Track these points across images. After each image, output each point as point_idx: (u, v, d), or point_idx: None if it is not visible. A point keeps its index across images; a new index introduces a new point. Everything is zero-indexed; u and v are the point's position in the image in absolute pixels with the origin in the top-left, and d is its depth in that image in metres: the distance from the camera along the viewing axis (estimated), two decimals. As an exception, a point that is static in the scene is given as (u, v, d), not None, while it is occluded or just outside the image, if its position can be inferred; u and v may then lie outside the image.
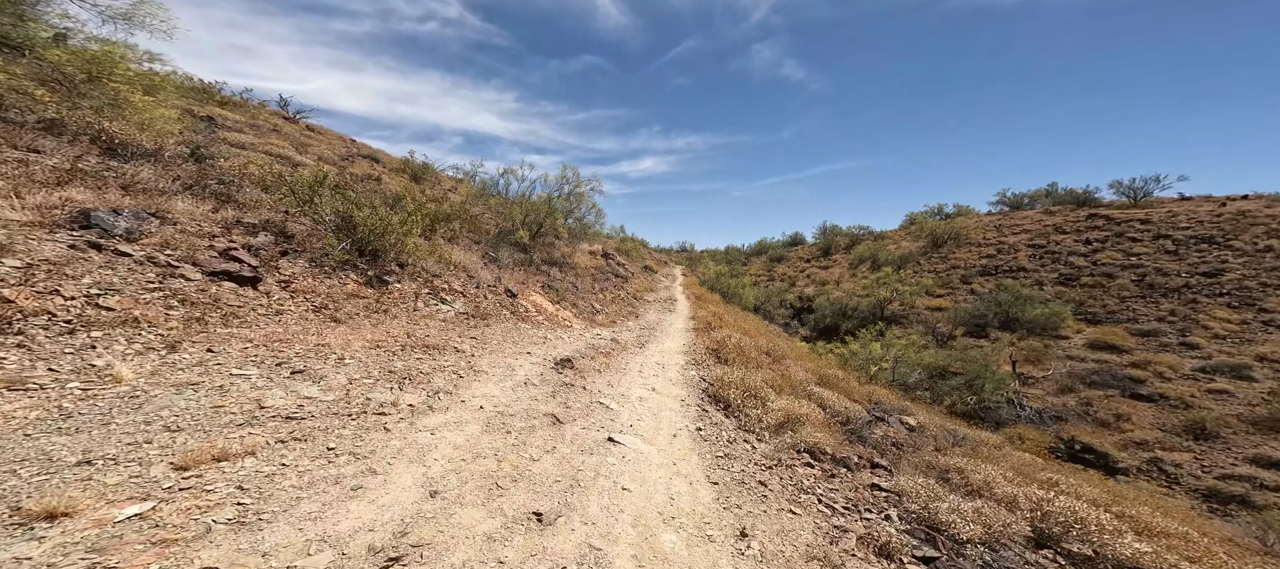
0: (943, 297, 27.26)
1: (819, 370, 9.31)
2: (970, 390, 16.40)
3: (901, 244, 39.28)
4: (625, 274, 19.57)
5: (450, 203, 13.40)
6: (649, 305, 16.59)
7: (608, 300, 13.53)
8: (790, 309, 33.27)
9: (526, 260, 12.35)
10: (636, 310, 14.66)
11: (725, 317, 13.06)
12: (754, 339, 10.25)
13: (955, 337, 22.27)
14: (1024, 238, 31.11)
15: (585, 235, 19.35)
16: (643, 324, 12.04)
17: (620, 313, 13.08)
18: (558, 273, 13.18)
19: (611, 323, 11.28)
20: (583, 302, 11.70)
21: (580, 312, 10.91)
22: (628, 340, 8.74)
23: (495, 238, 12.71)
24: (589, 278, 14.91)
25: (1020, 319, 21.32)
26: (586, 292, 12.99)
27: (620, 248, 29.22)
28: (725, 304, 22.89)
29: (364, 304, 6.72)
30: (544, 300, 9.95)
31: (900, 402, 9.64)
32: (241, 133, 11.26)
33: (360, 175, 12.11)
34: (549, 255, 14.46)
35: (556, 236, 16.36)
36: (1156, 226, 26.63)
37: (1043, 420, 15.68)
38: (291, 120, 17.54)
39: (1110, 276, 23.33)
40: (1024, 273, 26.71)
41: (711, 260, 44.11)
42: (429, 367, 5.21)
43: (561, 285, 11.85)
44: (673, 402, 5.85)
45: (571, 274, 13.89)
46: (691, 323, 12.79)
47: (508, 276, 10.15)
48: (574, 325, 9.49)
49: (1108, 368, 16.96)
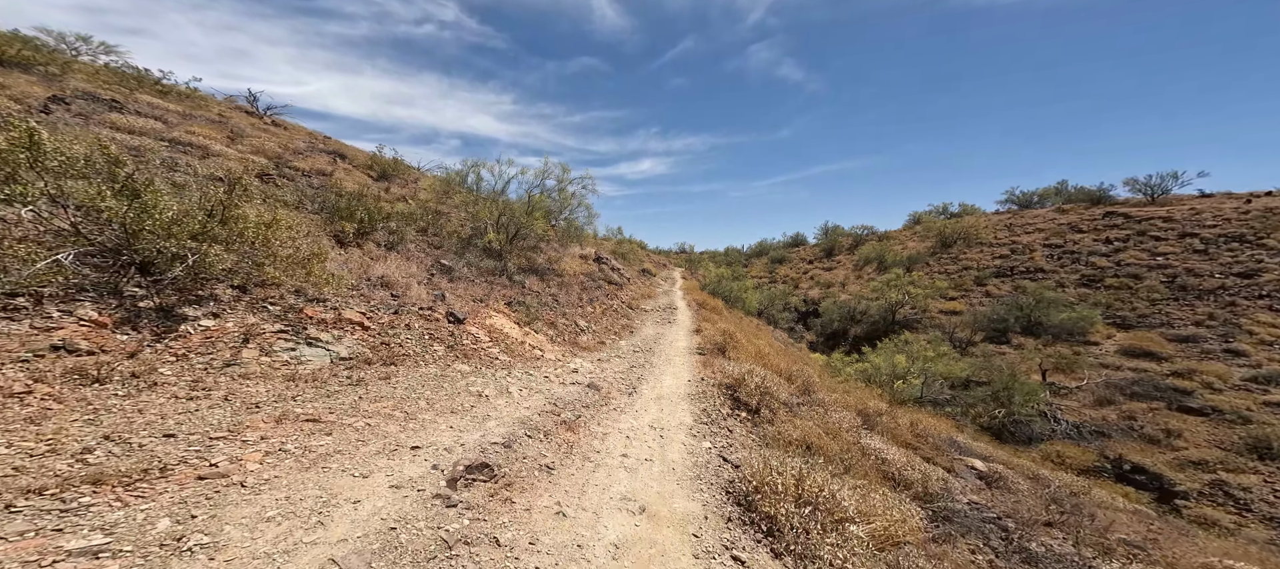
0: (957, 299, 25.87)
1: (859, 404, 7.81)
2: (998, 402, 14.97)
3: (908, 244, 37.96)
4: (619, 280, 17.96)
5: (408, 203, 11.80)
6: (646, 316, 15.02)
7: (597, 314, 11.92)
8: (795, 313, 31.84)
9: (498, 269, 10.68)
10: (631, 322, 13.01)
11: (736, 333, 11.31)
12: (775, 365, 8.69)
13: (974, 342, 20.87)
14: (1038, 237, 29.80)
15: (577, 238, 17.79)
16: (637, 344, 10.29)
17: (611, 329, 11.43)
18: (537, 283, 11.46)
19: (598, 345, 9.46)
20: (564, 319, 10.10)
21: (559, 334, 9.18)
22: (612, 380, 6.50)
23: (463, 243, 11.14)
24: (577, 287, 13.05)
25: (1044, 324, 19.94)
26: (571, 305, 11.32)
27: (616, 251, 27.72)
28: (728, 309, 21.42)
29: (81, 365, 3.70)
30: (508, 323, 8.13)
31: (950, 430, 8.17)
32: (152, 119, 9.76)
33: (307, 170, 10.58)
34: (529, 262, 12.89)
35: (543, 240, 14.80)
36: (1181, 224, 25.33)
37: (1082, 435, 14.26)
38: (254, 115, 15.99)
39: (1137, 277, 21.99)
40: (1042, 274, 25.37)
41: (711, 262, 42.67)
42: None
43: (538, 300, 10.30)
44: (681, 540, 3.22)
45: (555, 284, 12.16)
46: (696, 341, 11.13)
47: (461, 292, 8.35)
48: (546, 355, 7.57)
49: (1148, 377, 15.56)
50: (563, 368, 7.00)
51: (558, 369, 6.85)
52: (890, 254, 35.22)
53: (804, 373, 8.51)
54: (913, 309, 25.15)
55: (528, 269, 12.49)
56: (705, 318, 14.63)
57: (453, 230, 11.49)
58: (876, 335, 25.37)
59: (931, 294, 24.38)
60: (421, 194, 12.89)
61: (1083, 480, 10.13)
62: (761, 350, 10.54)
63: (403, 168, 15.26)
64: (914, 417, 8.40)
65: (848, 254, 41.63)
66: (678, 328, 13.59)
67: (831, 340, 27.53)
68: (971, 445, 7.28)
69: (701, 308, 19.10)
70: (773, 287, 36.70)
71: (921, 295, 24.35)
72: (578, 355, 8.31)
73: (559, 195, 14.05)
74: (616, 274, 18.38)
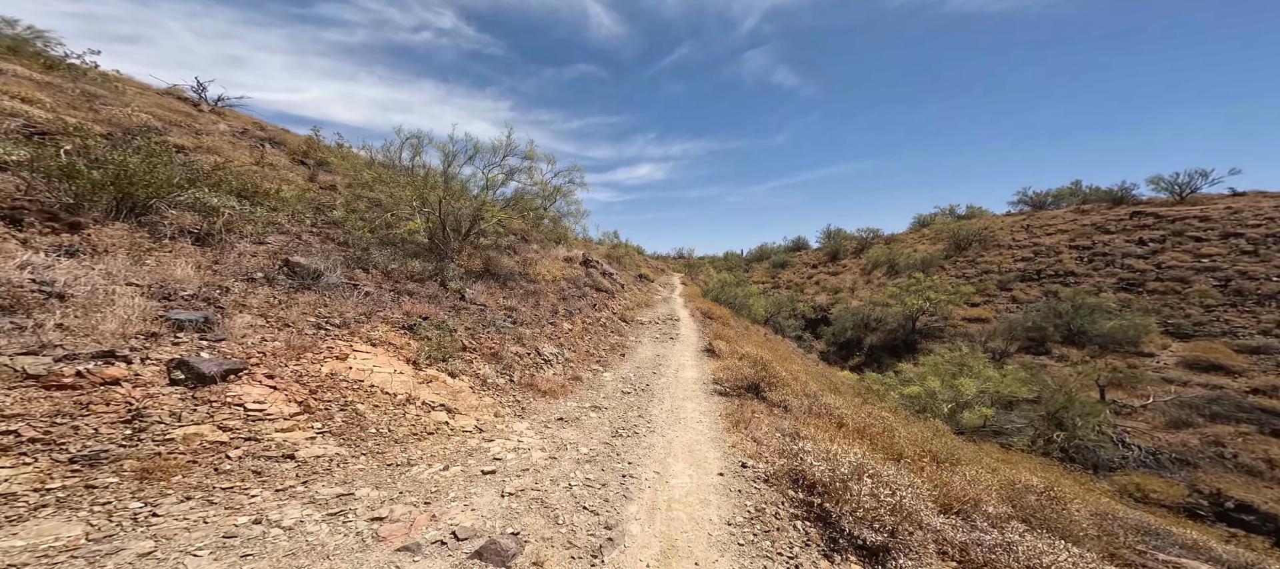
0: (980, 305, 23.80)
1: (1005, 485, 5.20)
2: (1056, 424, 12.80)
3: (917, 247, 36.03)
4: (611, 287, 15.53)
5: (334, 192, 9.34)
6: (643, 331, 12.62)
7: (575, 332, 9.43)
8: (803, 320, 29.65)
9: (430, 273, 8.17)
10: (624, 340, 10.45)
11: (767, 359, 8.48)
12: (847, 417, 5.95)
13: (1009, 354, 18.74)
14: (1063, 238, 27.86)
15: (561, 238, 15.47)
16: (628, 376, 7.64)
17: (593, 354, 8.81)
18: (488, 293, 8.88)
19: (568, 385, 6.68)
20: (520, 345, 7.26)
21: (503, 370, 6.26)
22: (565, 498, 3.50)
23: (382, 241, 8.60)
24: (553, 297, 10.57)
25: (1089, 332, 17.86)
26: (538, 321, 8.76)
27: (611, 255, 25.47)
28: (735, 317, 19.19)
29: None
30: (391, 362, 5.13)
31: (1110, 503, 5.89)
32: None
33: (197, 148, 8.20)
34: (489, 264, 10.31)
35: (514, 238, 12.42)
36: (1219, 224, 23.45)
37: (1160, 464, 12.09)
38: (187, 101, 13.60)
39: (1184, 281, 20.00)
40: (1074, 277, 23.36)
41: (712, 267, 40.51)
42: None
43: (478, 318, 7.41)
44: None
45: (519, 294, 9.69)
46: (711, 368, 8.58)
47: (308, 311, 5.35)
48: (457, 421, 4.74)
49: (1227, 395, 13.46)
50: (474, 457, 4.05)
51: (456, 467, 3.79)
52: (901, 257, 33.22)
53: (900, 432, 5.92)
54: (932, 316, 23.05)
55: (484, 273, 9.84)
56: (717, 333, 12.24)
57: (389, 224, 9.02)
58: (895, 345, 23.27)
59: (954, 299, 22.27)
60: (336, 174, 10.39)
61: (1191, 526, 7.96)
62: (808, 387, 7.96)
63: (352, 157, 12.85)
64: (1015, 474, 6.08)
65: (853, 258, 39.64)
66: (683, 346, 11.17)
67: (844, 350, 25.37)
68: (1177, 534, 5.16)
69: (707, 318, 16.84)
70: (777, 292, 34.56)
71: (944, 301, 22.24)
72: (524, 415, 5.37)
73: (529, 177, 11.01)
74: (608, 280, 16.03)
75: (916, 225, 42.94)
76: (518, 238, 13.52)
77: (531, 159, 10.53)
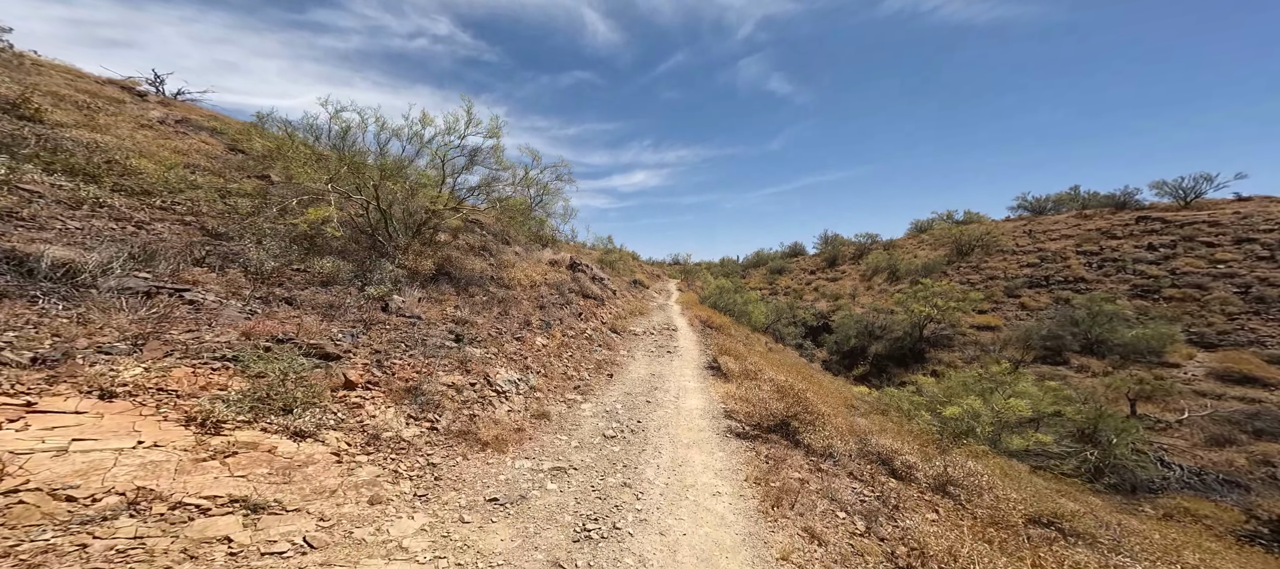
0: (988, 312, 22.90)
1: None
2: (1088, 441, 11.75)
3: (917, 252, 35.28)
4: (601, 294, 14.23)
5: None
6: (635, 343, 11.32)
7: (552, 349, 7.94)
8: (803, 327, 28.60)
9: (351, 275, 6.56)
10: (613, 355, 9.18)
11: (797, 386, 6.88)
12: None
13: (1025, 363, 17.76)
14: (1068, 244, 27.17)
15: (551, 241, 14.23)
16: (612, 415, 5.90)
17: (573, 375, 7.37)
18: (431, 300, 7.30)
19: (532, 426, 5.22)
20: (462, 374, 5.62)
21: (420, 414, 4.62)
22: None
23: (289, 233, 6.81)
24: (527, 305, 9.32)
25: (1109, 341, 16.94)
26: (498, 338, 7.16)
27: (604, 259, 24.29)
28: (736, 325, 18.05)
29: None
30: (126, 435, 3.01)
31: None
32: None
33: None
34: (445, 265, 8.67)
35: (502, 240, 11.10)
36: (1230, 229, 22.83)
37: (1207, 486, 11.07)
38: (133, 92, 12.20)
39: (1201, 288, 19.22)
40: (1085, 284, 22.56)
41: (708, 273, 39.45)
42: None
43: (400, 335, 5.76)
44: None
45: (481, 302, 8.07)
46: (719, 394, 7.16)
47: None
48: (251, 548, 2.64)
49: (1267, 409, 12.52)
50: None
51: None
52: (902, 263, 32.39)
53: (1014, 499, 4.62)
54: (941, 324, 22.07)
55: (438, 277, 8.26)
56: (721, 346, 10.95)
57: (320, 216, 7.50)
58: (902, 354, 22.24)
59: (964, 306, 21.32)
60: (255, 143, 8.79)
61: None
62: (853, 423, 6.50)
63: (296, 147, 11.31)
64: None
65: (852, 263, 38.80)
66: (682, 362, 9.84)
67: (848, 359, 24.31)
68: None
69: (707, 327, 15.66)
70: (775, 299, 33.52)
71: (952, 308, 21.27)
72: (431, 495, 3.61)
73: (496, 161, 9.08)
74: (598, 286, 14.72)
75: (914, 231, 42.31)
76: (497, 239, 12.24)
77: (496, 137, 8.81)
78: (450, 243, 9.87)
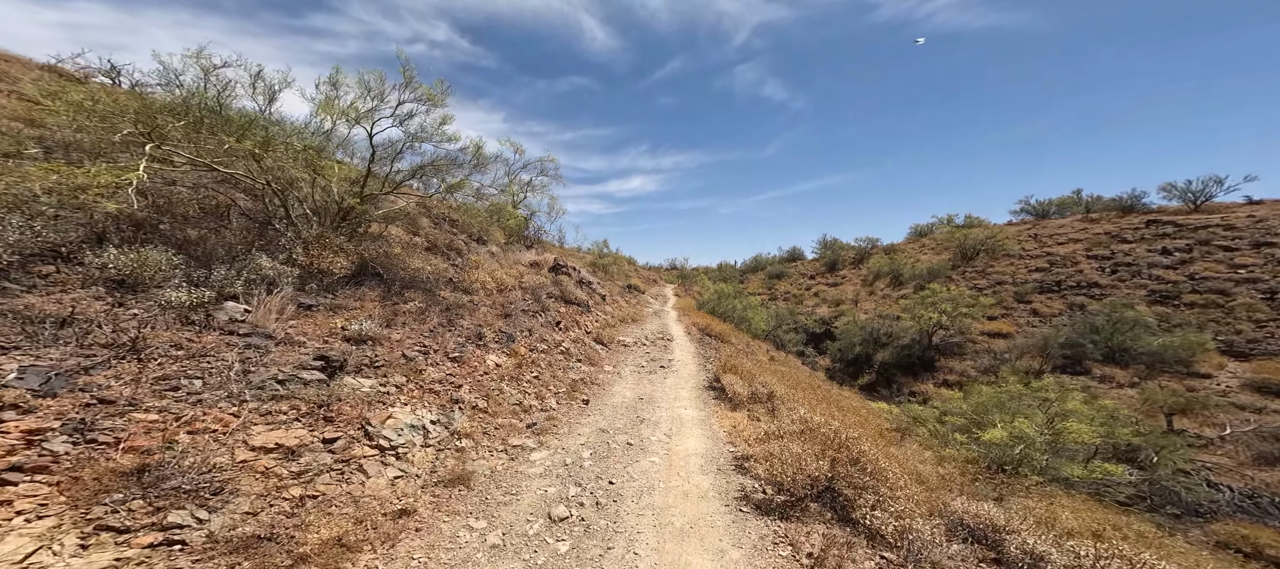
0: (999, 319, 21.90)
1: None
2: (1128, 461, 10.67)
3: (919, 257, 34.39)
4: (587, 299, 12.89)
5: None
6: (624, 356, 9.99)
7: (507, 369, 6.49)
8: (805, 334, 27.51)
9: (128, 273, 4.42)
10: (597, 374, 7.92)
11: (851, 438, 4.95)
12: None
13: (1044, 373, 16.72)
14: (1076, 247, 26.30)
15: (537, 242, 13.05)
16: (571, 474, 4.47)
17: (532, 405, 6.09)
18: (331, 307, 5.68)
19: (428, 501, 3.63)
20: (328, 423, 3.98)
21: (164, 510, 2.75)
22: None
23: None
24: (486, 312, 7.86)
25: (1133, 350, 15.94)
26: (410, 363, 5.50)
27: (596, 263, 23.12)
28: (736, 332, 16.92)
29: None
30: None
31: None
32: None
33: None
34: (377, 261, 6.93)
35: (477, 239, 9.78)
36: (1247, 233, 22.00)
37: (1263, 510, 10.00)
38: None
39: (1224, 294, 18.30)
40: (1098, 289, 21.62)
41: (706, 277, 38.36)
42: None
43: (235, 359, 4.03)
44: None
45: (412, 309, 6.51)
46: (726, 435, 5.68)
47: None
48: None
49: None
50: None
51: None
52: (905, 268, 31.44)
53: None
54: (950, 331, 21.03)
55: (363, 277, 6.60)
56: (725, 361, 9.44)
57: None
58: (910, 362, 21.17)
59: (974, 312, 20.30)
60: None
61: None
62: (934, 496, 4.65)
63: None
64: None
65: (852, 268, 37.86)
66: (678, 380, 8.49)
67: (853, 367, 23.23)
68: None
69: (707, 336, 14.51)
70: (775, 304, 32.45)
71: (963, 314, 20.25)
72: None
73: (434, 125, 7.28)
74: (584, 290, 13.35)
75: (914, 235, 41.51)
76: (471, 237, 11.00)
77: (436, 104, 6.97)
78: (392, 238, 8.22)
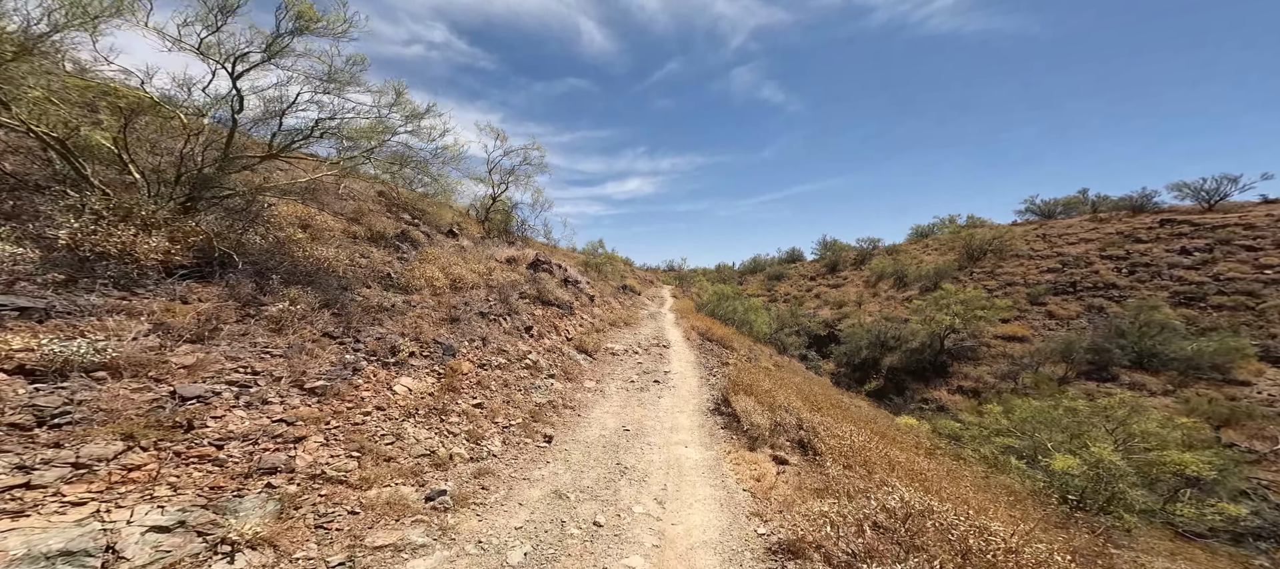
0: (1014, 322, 20.84)
1: None
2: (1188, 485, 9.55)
3: (923, 258, 33.39)
4: (571, 300, 11.43)
5: None
6: (611, 368, 8.55)
7: (414, 402, 5.00)
8: (808, 337, 26.38)
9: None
10: (574, 393, 6.52)
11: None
12: None
13: (1068, 380, 15.65)
14: (1089, 247, 25.34)
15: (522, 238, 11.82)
16: None
17: (442, 456, 4.37)
18: (112, 311, 4.00)
19: None
20: None
21: None
22: None
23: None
24: (416, 317, 6.32)
25: (1163, 355, 14.89)
26: (167, 422, 3.38)
27: (588, 262, 21.86)
28: (737, 335, 15.72)
29: None
30: None
31: None
32: None
33: None
34: (217, 243, 5.20)
35: (449, 232, 8.54)
36: (1269, 232, 21.08)
37: (1331, 543, 8.89)
38: None
39: (1253, 295, 17.32)
40: (1117, 290, 20.62)
41: (704, 279, 37.19)
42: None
43: None
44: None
45: (274, 314, 4.93)
46: (749, 504, 4.11)
47: None
48: None
49: (1381, 441, 10.44)
50: None
51: None
52: (909, 269, 30.41)
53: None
54: (963, 335, 19.94)
55: (218, 265, 5.10)
56: (733, 377, 7.91)
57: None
58: (920, 367, 20.06)
59: (990, 315, 19.23)
60: None
61: None
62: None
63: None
64: None
65: (854, 269, 36.83)
66: (676, 401, 7.20)
67: (859, 372, 22.10)
68: None
69: (708, 342, 13.27)
70: (776, 305, 31.33)
71: (976, 317, 19.16)
72: None
73: (349, 73, 5.86)
74: (567, 290, 11.87)
75: (915, 236, 40.58)
76: (440, 230, 9.71)
77: (338, 35, 5.37)
78: (312, 223, 6.78)
